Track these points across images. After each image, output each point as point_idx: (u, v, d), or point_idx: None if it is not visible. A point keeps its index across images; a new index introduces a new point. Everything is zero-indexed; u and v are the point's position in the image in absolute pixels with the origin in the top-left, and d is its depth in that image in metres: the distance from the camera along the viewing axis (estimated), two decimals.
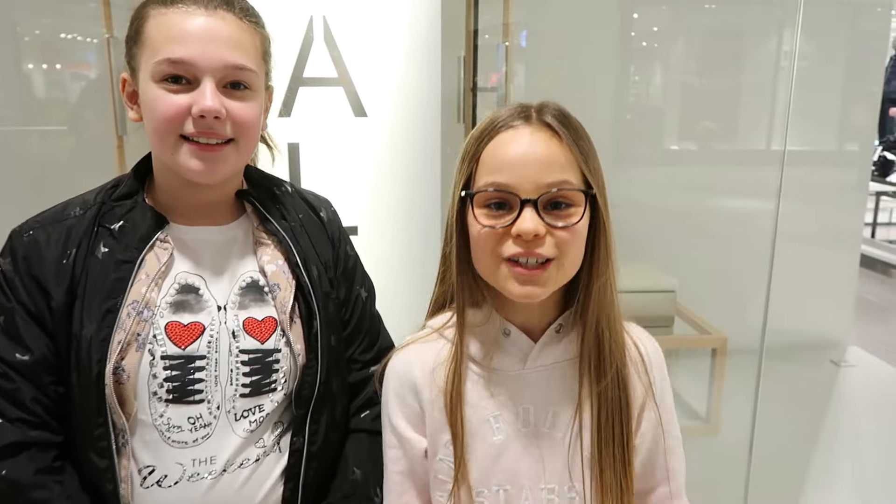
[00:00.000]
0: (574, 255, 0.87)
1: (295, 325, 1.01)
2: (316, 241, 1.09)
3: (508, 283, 0.86)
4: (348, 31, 1.67)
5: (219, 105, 0.91)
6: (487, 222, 0.86)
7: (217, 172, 0.95)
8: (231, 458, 0.97)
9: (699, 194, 3.23)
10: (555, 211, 0.85)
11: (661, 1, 3.37)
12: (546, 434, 0.92)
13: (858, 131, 3.50)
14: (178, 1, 0.92)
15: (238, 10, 0.96)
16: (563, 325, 0.94)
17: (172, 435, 0.95)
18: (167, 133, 0.92)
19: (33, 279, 0.93)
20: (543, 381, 0.93)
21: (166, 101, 0.91)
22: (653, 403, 0.96)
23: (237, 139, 0.95)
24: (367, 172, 1.74)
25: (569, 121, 0.88)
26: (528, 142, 0.85)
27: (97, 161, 2.42)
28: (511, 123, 0.87)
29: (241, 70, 0.93)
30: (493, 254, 0.86)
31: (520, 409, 0.93)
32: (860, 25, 3.50)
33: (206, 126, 0.91)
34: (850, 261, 3.40)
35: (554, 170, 0.84)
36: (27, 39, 2.79)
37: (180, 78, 0.91)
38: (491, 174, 0.86)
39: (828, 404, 2.98)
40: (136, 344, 0.92)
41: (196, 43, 0.90)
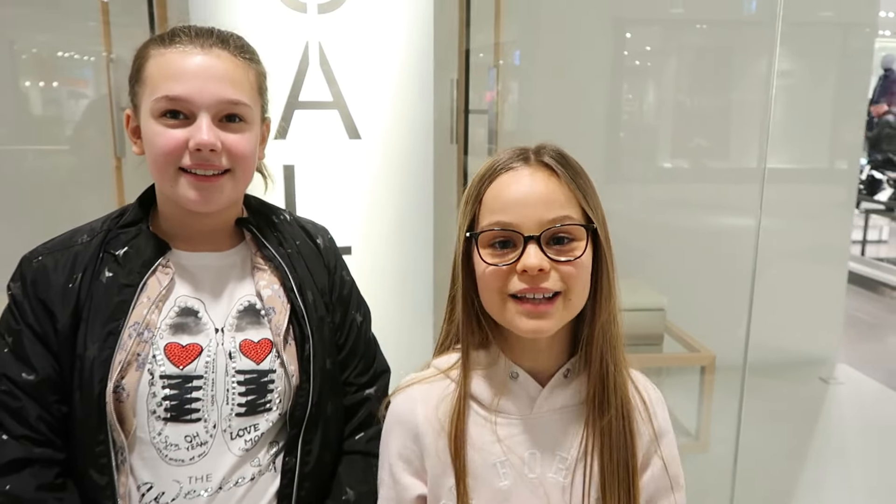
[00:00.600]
0: (580, 289, 0.88)
1: (289, 347, 1.05)
2: (312, 268, 1.12)
3: (516, 319, 0.87)
4: (343, 56, 1.71)
5: (214, 139, 0.95)
6: (492, 260, 0.87)
7: (213, 202, 0.99)
8: (227, 477, 1.00)
9: (690, 212, 3.26)
10: (557, 246, 0.87)
11: (654, 20, 3.41)
12: (552, 480, 0.92)
13: (845, 149, 3.55)
14: (177, 41, 0.97)
15: (233, 48, 1.00)
16: (570, 369, 0.94)
17: (170, 453, 0.98)
18: (166, 165, 0.96)
19: (41, 302, 0.97)
20: (551, 426, 0.93)
21: (165, 136, 0.95)
22: (658, 454, 0.96)
23: (233, 170, 0.99)
24: (361, 193, 1.77)
25: (566, 160, 0.91)
26: (528, 182, 0.88)
27: (95, 181, 2.45)
28: (511, 165, 0.90)
29: (236, 104, 0.98)
30: (500, 292, 0.87)
31: (526, 455, 0.92)
32: (848, 45, 3.55)
33: (203, 159, 0.95)
34: (838, 278, 3.44)
35: (555, 207, 0.86)
36: (24, 57, 2.81)
37: (178, 113, 0.95)
38: (494, 214, 0.88)
39: (816, 421, 3.00)
40: (136, 364, 0.96)
41: (192, 80, 0.94)
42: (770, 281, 3.11)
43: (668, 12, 3.42)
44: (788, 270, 3.28)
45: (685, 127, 3.49)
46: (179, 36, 0.98)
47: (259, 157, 1.09)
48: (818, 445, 2.85)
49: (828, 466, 2.74)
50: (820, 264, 3.43)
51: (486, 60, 2.48)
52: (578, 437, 0.92)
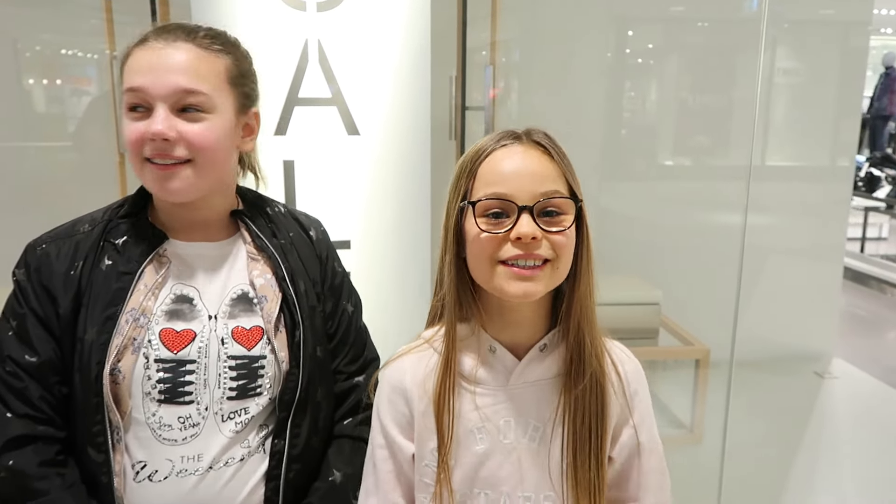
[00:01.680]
0: (566, 259, 0.93)
1: (280, 335, 1.08)
2: (305, 258, 1.15)
3: (505, 283, 0.92)
4: (341, 53, 1.74)
5: (166, 128, 0.97)
6: (487, 228, 0.93)
7: (176, 191, 1.01)
8: (217, 457, 1.03)
9: (689, 208, 3.28)
10: (547, 218, 0.92)
11: (656, 19, 3.43)
12: (525, 446, 0.98)
13: (843, 147, 3.57)
14: (146, 40, 1.01)
15: (200, 38, 1.02)
16: (547, 344, 0.99)
17: (163, 433, 1.02)
18: (133, 156, 1.01)
19: (44, 288, 1.01)
20: (525, 397, 0.98)
21: (129, 128, 0.99)
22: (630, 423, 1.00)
23: (194, 159, 1.01)
24: (360, 189, 1.80)
25: (553, 141, 0.97)
26: (521, 157, 0.94)
27: (98, 177, 2.48)
28: (504, 143, 0.96)
29: (192, 93, 0.99)
30: (491, 258, 0.92)
31: (501, 423, 0.98)
32: (848, 43, 3.57)
33: (159, 149, 0.98)
34: (834, 274, 3.46)
35: (546, 181, 0.93)
36: (28, 55, 2.84)
37: (140, 106, 0.99)
38: (490, 186, 0.93)
39: (811, 415, 3.03)
40: (132, 347, 1.00)
41: (149, 72, 0.98)
42: (767, 277, 3.13)
43: (670, 10, 3.43)
44: (785, 266, 3.30)
45: (686, 125, 3.50)
46: (148, 35, 1.02)
47: (244, 149, 1.11)
48: (811, 439, 2.87)
49: (820, 459, 2.77)
50: (817, 260, 3.45)
51: (486, 58, 2.50)
52: (552, 407, 0.98)
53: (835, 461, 2.75)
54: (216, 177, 1.05)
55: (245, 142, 1.11)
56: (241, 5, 1.69)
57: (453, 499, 0.97)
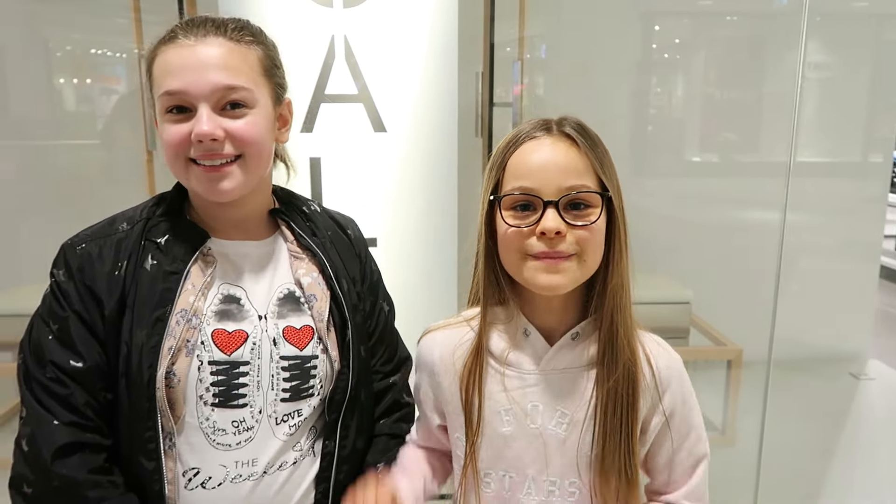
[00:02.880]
0: (593, 252, 0.93)
1: (331, 333, 1.06)
2: (345, 257, 1.13)
3: (534, 275, 0.92)
4: (368, 50, 1.72)
5: (213, 128, 0.95)
6: (514, 222, 0.92)
7: (226, 191, 0.98)
8: (271, 461, 1.01)
9: (718, 206, 3.23)
10: (574, 211, 0.92)
11: (683, 13, 3.38)
12: (551, 432, 0.98)
13: (879, 143, 3.48)
14: (174, 37, 0.97)
15: (230, 32, 0.99)
16: (579, 332, 0.99)
17: (217, 437, 0.99)
18: (176, 159, 0.97)
19: (88, 289, 0.97)
20: (554, 384, 0.98)
21: (171, 131, 0.96)
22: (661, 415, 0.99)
23: (243, 155, 0.98)
24: (387, 186, 1.79)
25: (586, 131, 0.96)
26: (549, 150, 0.93)
27: (126, 174, 2.49)
28: (534, 134, 0.95)
29: (234, 90, 0.96)
30: (519, 251, 0.93)
31: (528, 406, 0.98)
32: (881, 36, 3.49)
33: (207, 149, 0.96)
34: (870, 273, 3.38)
35: (572, 175, 0.92)
36: (58, 55, 2.87)
37: (180, 108, 0.96)
38: (517, 180, 0.93)
39: (846, 417, 2.96)
40: (185, 350, 0.97)
41: (187, 73, 0.94)
42: (801, 276, 3.07)
43: (698, 4, 3.38)
44: (820, 265, 3.24)
45: (714, 121, 3.45)
46: (177, 32, 0.98)
47: (280, 140, 1.09)
48: (847, 441, 2.81)
49: (857, 462, 2.70)
50: (852, 259, 3.38)
51: (512, 54, 2.48)
52: (581, 396, 0.98)
53: (872, 464, 2.69)
54: (262, 172, 1.04)
55: (282, 133, 1.09)
56: (269, 2, 1.68)
57: (478, 479, 1.00)
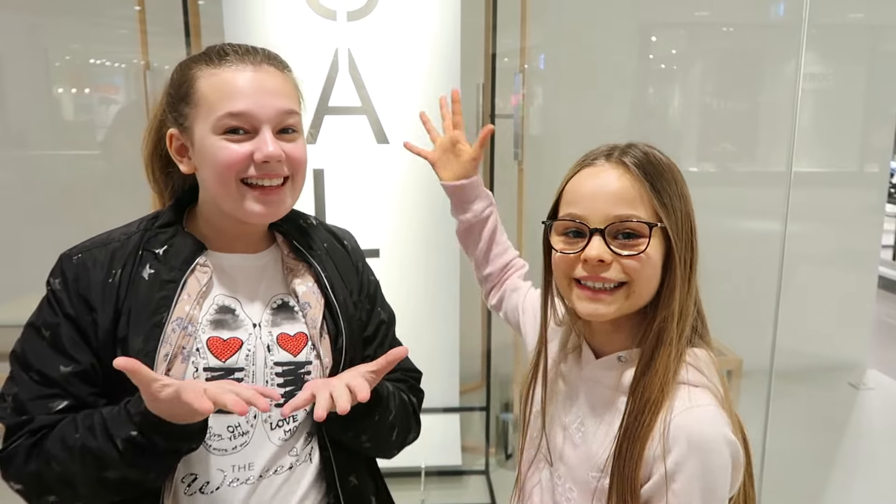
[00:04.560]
0: (645, 282, 0.92)
1: (324, 340, 1.09)
2: (341, 268, 1.16)
3: (577, 301, 0.94)
4: (371, 62, 1.74)
5: (279, 150, 0.99)
6: (563, 248, 0.94)
7: (278, 213, 1.04)
8: (267, 465, 1.04)
9: (717, 216, 3.25)
10: (623, 240, 0.91)
11: (680, 24, 3.40)
12: (571, 434, 1.01)
13: (876, 153, 3.51)
14: (226, 60, 1.01)
15: (277, 63, 1.05)
16: (626, 358, 0.98)
17: (213, 443, 1.01)
18: (230, 179, 1.00)
19: (82, 298, 1.00)
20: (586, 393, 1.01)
21: (229, 151, 0.99)
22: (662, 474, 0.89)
23: (292, 176, 1.03)
24: (389, 197, 1.79)
25: (648, 159, 0.94)
26: (602, 178, 0.94)
27: (126, 185, 2.50)
28: (594, 161, 0.96)
29: (291, 115, 1.02)
30: (567, 276, 0.95)
31: (560, 410, 1.04)
32: (878, 47, 3.52)
33: (269, 169, 1.00)
34: (868, 283, 3.40)
35: (622, 204, 0.92)
36: (58, 65, 2.89)
37: (239, 129, 0.99)
38: (569, 206, 0.95)
39: (845, 426, 2.97)
40: (181, 356, 0.99)
41: (251, 96, 0.98)
42: (799, 285, 3.08)
43: (694, 16, 3.41)
44: (818, 275, 3.25)
45: (712, 131, 3.47)
46: (228, 55, 1.02)
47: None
48: (847, 450, 2.81)
49: (856, 472, 2.71)
50: (850, 269, 3.39)
51: (512, 65, 2.50)
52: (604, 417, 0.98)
53: (871, 473, 2.70)
54: (300, 193, 1.08)
55: None
56: (273, 15, 1.69)
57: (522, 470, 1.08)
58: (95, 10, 2.81)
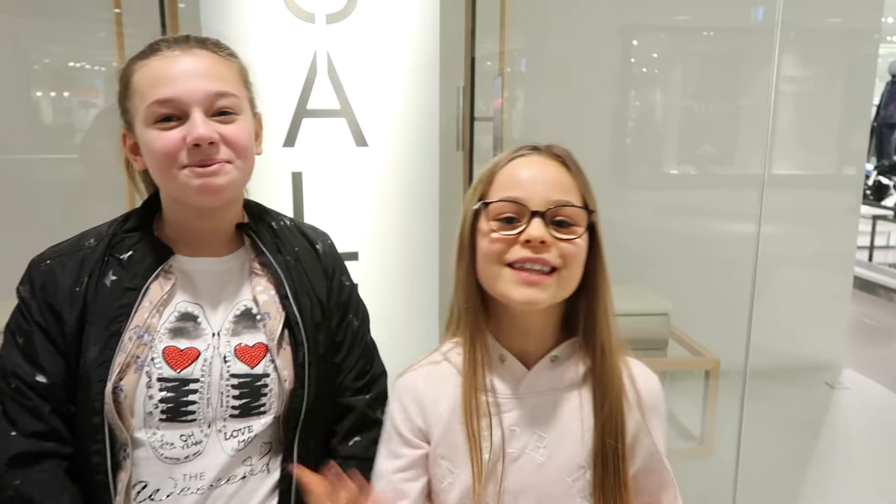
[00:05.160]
0: (574, 269, 0.94)
1: (284, 352, 1.06)
2: (310, 273, 1.13)
3: (511, 288, 0.92)
4: (350, 65, 1.74)
5: (210, 131, 0.97)
6: (499, 229, 0.94)
7: (221, 188, 1.00)
8: (219, 475, 1.02)
9: (696, 218, 3.28)
10: (558, 227, 0.93)
11: (661, 28, 3.43)
12: (528, 456, 0.97)
13: (852, 155, 3.55)
14: (157, 50, 1.00)
15: (211, 46, 1.03)
16: (558, 355, 0.99)
17: (166, 451, 1.01)
18: (168, 167, 0.98)
19: (48, 305, 0.99)
20: (534, 407, 0.98)
21: (162, 139, 0.97)
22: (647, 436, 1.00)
23: (233, 160, 1.01)
24: (368, 200, 1.79)
25: (572, 156, 0.99)
26: (539, 165, 0.97)
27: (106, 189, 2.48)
28: (523, 153, 0.99)
29: (224, 96, 0.99)
30: (499, 260, 0.93)
31: (507, 431, 0.97)
32: (854, 51, 3.57)
33: (203, 154, 0.97)
34: (844, 283, 3.45)
35: (560, 190, 0.94)
36: (37, 67, 2.86)
37: (171, 116, 0.97)
38: (505, 191, 0.95)
39: (821, 426, 3.01)
40: (134, 366, 0.99)
41: (179, 80, 0.97)
42: (777, 286, 3.12)
43: (675, 20, 3.44)
44: (795, 276, 3.29)
45: (692, 133, 3.50)
46: (158, 45, 1.01)
47: (257, 151, 1.10)
48: (823, 449, 2.85)
49: (832, 470, 2.74)
50: (826, 270, 3.44)
51: (493, 68, 2.51)
52: (561, 420, 0.98)
53: (847, 472, 2.73)
54: (248, 177, 1.06)
55: (257, 145, 1.11)
56: (251, 18, 1.69)
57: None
58: (74, 12, 2.79)
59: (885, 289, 5.63)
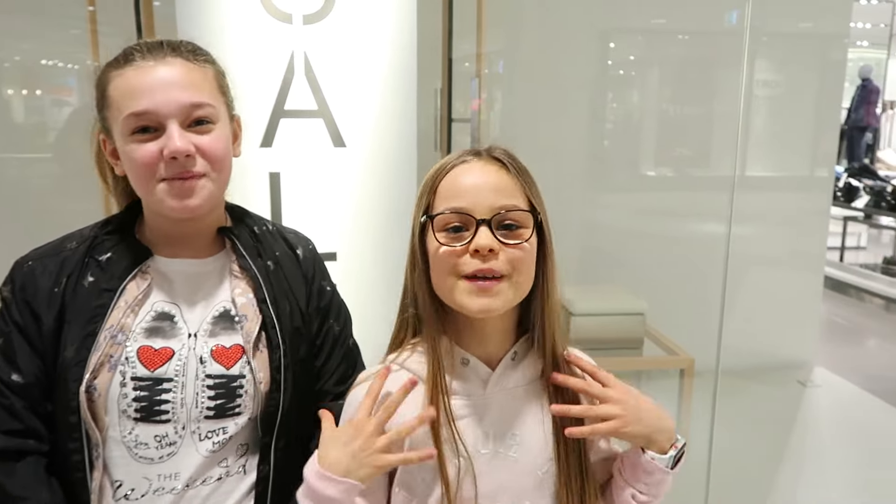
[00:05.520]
0: (526, 273, 0.94)
1: (260, 354, 1.07)
2: (291, 278, 1.14)
3: (466, 298, 0.92)
4: (328, 66, 1.74)
5: (186, 144, 0.97)
6: (447, 242, 0.93)
7: (194, 207, 1.01)
8: (193, 476, 1.03)
9: (672, 219, 3.31)
10: (506, 231, 0.93)
11: (637, 31, 3.46)
12: (503, 455, 0.97)
13: (823, 157, 3.61)
14: (131, 59, 1.00)
15: (186, 53, 1.03)
16: (517, 352, 1.01)
17: (140, 451, 1.01)
18: (146, 179, 0.99)
19: (27, 305, 1.00)
20: (504, 405, 0.99)
21: (139, 152, 0.97)
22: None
23: (209, 173, 1.01)
24: (346, 200, 1.80)
25: (514, 158, 0.98)
26: (480, 172, 0.95)
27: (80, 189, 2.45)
28: (464, 159, 0.97)
29: (200, 107, 0.99)
30: (452, 273, 0.93)
31: (479, 433, 0.97)
32: (826, 56, 3.63)
33: (179, 167, 0.98)
34: (815, 283, 3.50)
35: (504, 195, 0.94)
36: (7, 65, 2.81)
37: (147, 128, 0.98)
38: (448, 201, 0.94)
39: (794, 423, 3.06)
40: (108, 365, 0.99)
41: (153, 92, 0.97)
42: (749, 286, 3.16)
43: (651, 23, 3.47)
44: (767, 276, 3.34)
45: (668, 136, 3.54)
46: (133, 54, 1.00)
47: (235, 154, 1.10)
48: (795, 447, 2.90)
49: (804, 467, 2.79)
50: (798, 270, 3.49)
51: (471, 69, 2.52)
52: (530, 414, 0.99)
53: (818, 468, 2.78)
54: (226, 185, 1.07)
55: (236, 147, 1.11)
56: (228, 18, 1.69)
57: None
58: (46, 9, 2.75)
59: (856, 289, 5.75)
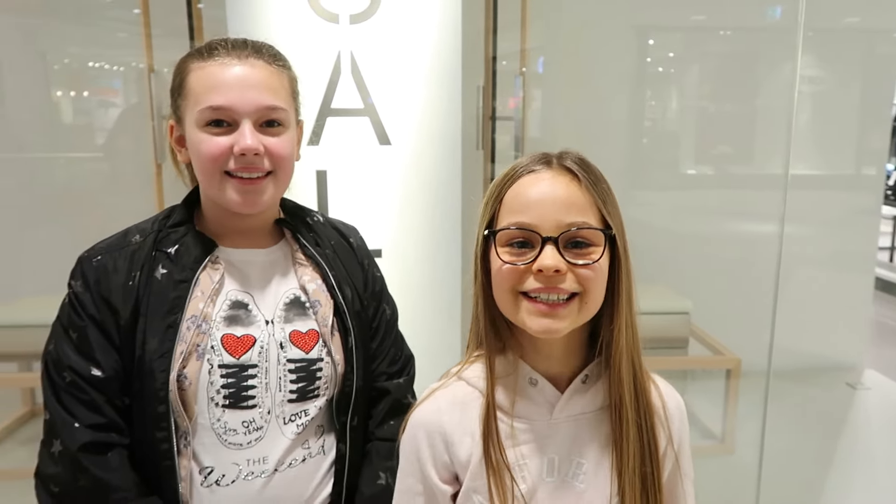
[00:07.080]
0: (596, 293, 0.87)
1: (335, 338, 1.11)
2: (348, 265, 1.18)
3: (528, 318, 0.86)
4: (373, 65, 1.75)
5: (257, 143, 1.01)
6: (509, 259, 0.86)
7: (257, 203, 1.05)
8: (281, 459, 1.06)
9: (715, 218, 3.27)
10: (575, 250, 0.86)
11: (677, 27, 3.42)
12: (569, 484, 0.92)
13: (872, 155, 3.53)
14: (215, 54, 1.03)
15: (267, 56, 1.07)
16: (588, 375, 0.94)
17: (229, 437, 1.04)
18: (213, 171, 1.03)
19: (104, 300, 1.02)
20: (570, 432, 0.92)
21: (210, 143, 1.01)
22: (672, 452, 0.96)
23: (275, 171, 1.05)
24: (391, 198, 1.81)
25: (588, 167, 0.90)
26: (549, 184, 0.88)
27: (131, 186, 2.50)
28: (532, 168, 0.90)
29: (274, 110, 1.04)
30: (513, 290, 0.87)
31: (545, 459, 0.92)
32: (873, 50, 3.55)
33: (247, 162, 1.02)
34: (865, 284, 3.43)
35: (574, 211, 0.86)
36: (56, 68, 2.90)
37: (221, 122, 1.02)
38: (514, 215, 0.87)
39: (843, 426, 2.99)
40: (196, 354, 1.02)
41: (233, 90, 1.01)
42: (797, 287, 3.11)
43: (691, 19, 3.43)
44: (815, 276, 3.28)
45: (709, 133, 3.49)
46: (217, 49, 1.04)
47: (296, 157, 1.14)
48: (845, 450, 2.83)
49: (854, 471, 2.73)
50: (847, 270, 3.42)
51: (511, 67, 2.51)
52: (597, 443, 0.93)
53: (869, 472, 2.72)
54: (287, 186, 1.10)
55: (297, 151, 1.14)
56: (276, 18, 1.71)
57: None
58: (93, 13, 2.82)
59: None
